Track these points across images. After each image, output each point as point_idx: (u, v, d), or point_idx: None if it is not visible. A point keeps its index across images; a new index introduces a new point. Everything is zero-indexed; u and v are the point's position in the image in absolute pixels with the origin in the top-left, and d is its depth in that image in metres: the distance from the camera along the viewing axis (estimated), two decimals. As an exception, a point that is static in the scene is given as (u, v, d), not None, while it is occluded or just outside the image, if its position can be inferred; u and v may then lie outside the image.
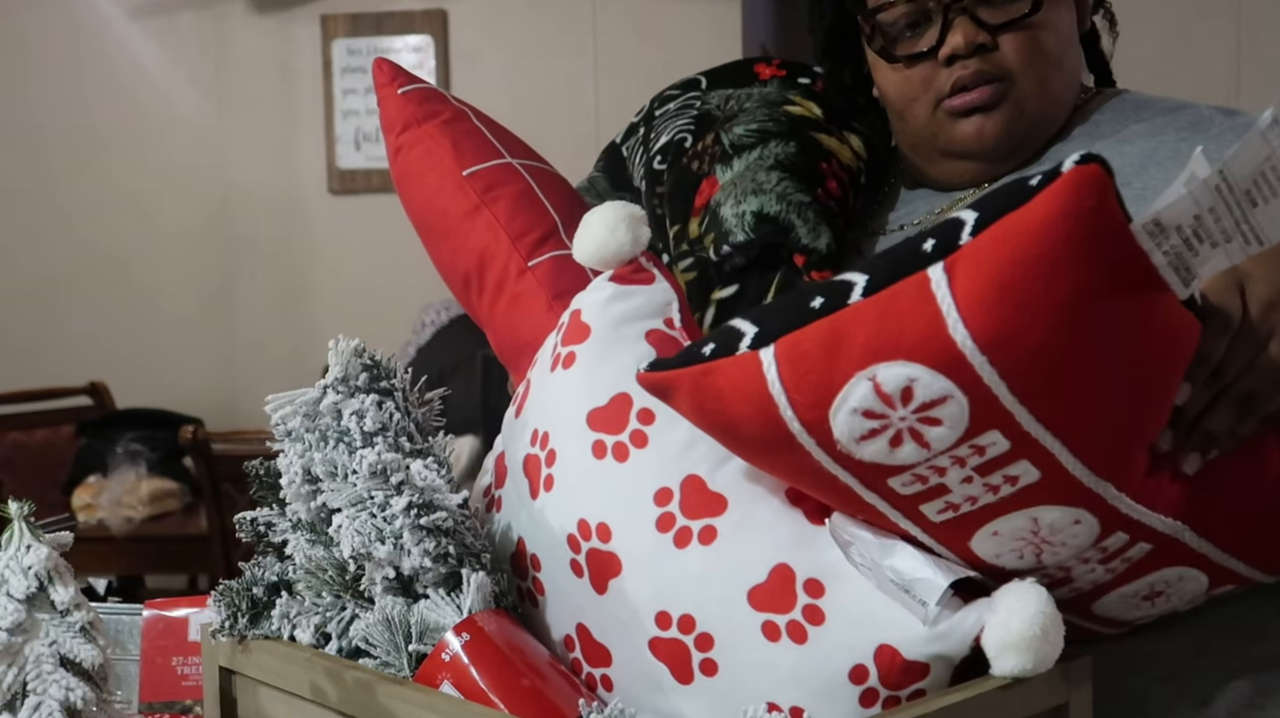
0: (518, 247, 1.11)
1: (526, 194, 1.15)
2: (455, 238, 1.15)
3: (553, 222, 1.14)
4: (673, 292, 1.01)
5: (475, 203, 1.14)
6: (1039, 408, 0.77)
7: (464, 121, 1.19)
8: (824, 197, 1.23)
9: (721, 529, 0.90)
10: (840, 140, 1.28)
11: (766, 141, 1.25)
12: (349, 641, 0.96)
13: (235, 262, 4.97)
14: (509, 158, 1.18)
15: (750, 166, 1.24)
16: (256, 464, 1.03)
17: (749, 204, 1.21)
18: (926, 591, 0.83)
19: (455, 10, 4.83)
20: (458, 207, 1.14)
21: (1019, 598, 0.83)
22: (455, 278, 1.17)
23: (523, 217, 1.13)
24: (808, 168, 1.24)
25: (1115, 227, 0.75)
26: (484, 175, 1.15)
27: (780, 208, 1.20)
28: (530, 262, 1.11)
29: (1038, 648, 0.83)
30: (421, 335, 4.11)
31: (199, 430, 3.39)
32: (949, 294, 0.74)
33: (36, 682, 0.89)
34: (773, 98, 1.29)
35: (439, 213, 1.16)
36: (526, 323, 1.09)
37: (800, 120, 1.27)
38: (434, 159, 1.17)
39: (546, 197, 1.16)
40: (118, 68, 4.94)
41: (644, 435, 0.94)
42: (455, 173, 1.15)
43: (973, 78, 1.17)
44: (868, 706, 0.86)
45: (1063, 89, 1.21)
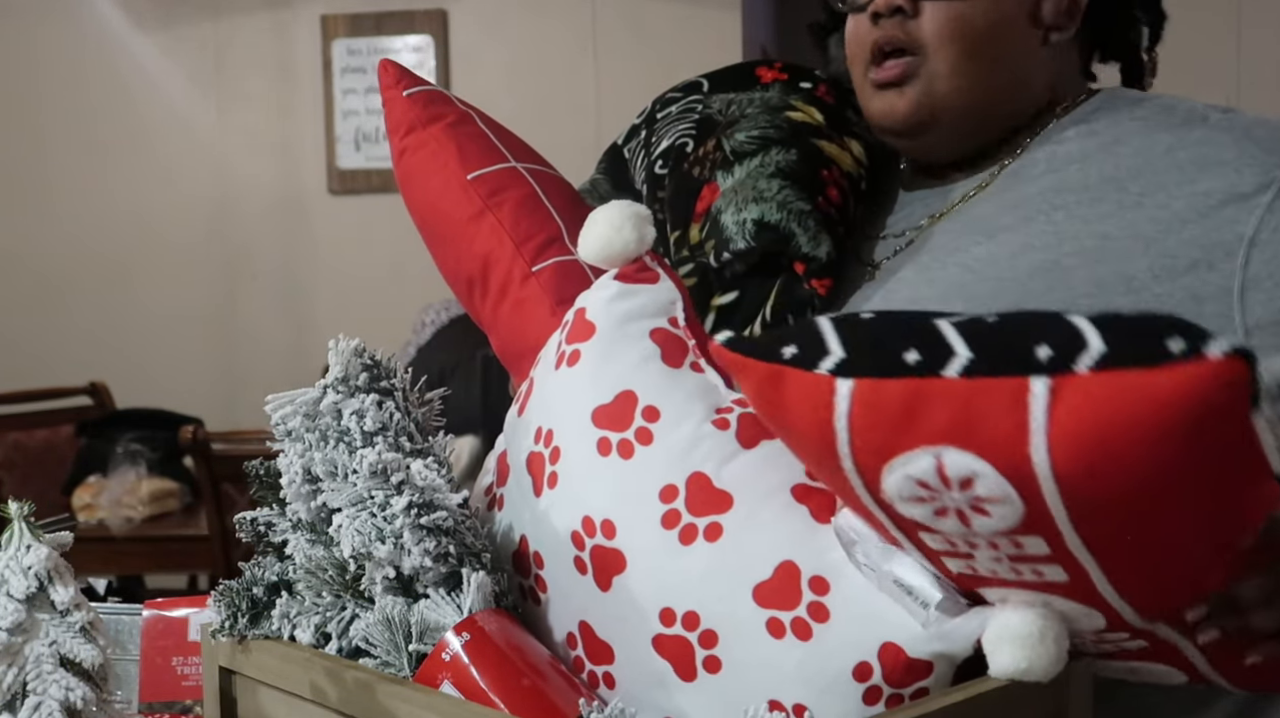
0: (521, 252, 1.11)
1: (531, 199, 1.15)
2: (459, 242, 1.15)
3: (557, 227, 1.14)
4: (677, 291, 1.01)
5: (480, 207, 1.14)
6: (1093, 542, 0.76)
7: (469, 125, 1.19)
8: (825, 204, 1.23)
9: (727, 526, 0.90)
10: (841, 147, 1.28)
11: (768, 148, 1.25)
12: (349, 641, 0.96)
13: (235, 262, 4.98)
14: (514, 162, 1.18)
15: (751, 174, 1.24)
16: (256, 464, 1.03)
17: (750, 212, 1.21)
18: (927, 594, 0.83)
19: (455, 10, 4.84)
20: (462, 210, 1.14)
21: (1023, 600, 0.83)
22: (459, 281, 1.17)
23: (527, 221, 1.13)
24: (809, 175, 1.24)
25: (1243, 428, 0.70)
26: (488, 180, 1.15)
27: (781, 216, 1.20)
28: (534, 267, 1.10)
29: (1034, 647, 0.83)
30: (421, 335, 4.11)
31: (199, 430, 3.39)
32: (1044, 415, 0.71)
33: (36, 682, 0.89)
34: (774, 103, 1.29)
35: (443, 216, 1.16)
36: (530, 328, 1.09)
37: (801, 127, 1.27)
38: (439, 162, 1.17)
39: (551, 201, 1.16)
40: (118, 67, 4.95)
41: (649, 433, 0.94)
42: (460, 176, 1.15)
43: (885, 41, 1.17)
44: (871, 703, 0.86)
45: (988, 79, 1.18)
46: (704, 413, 0.94)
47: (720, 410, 0.95)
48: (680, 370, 0.97)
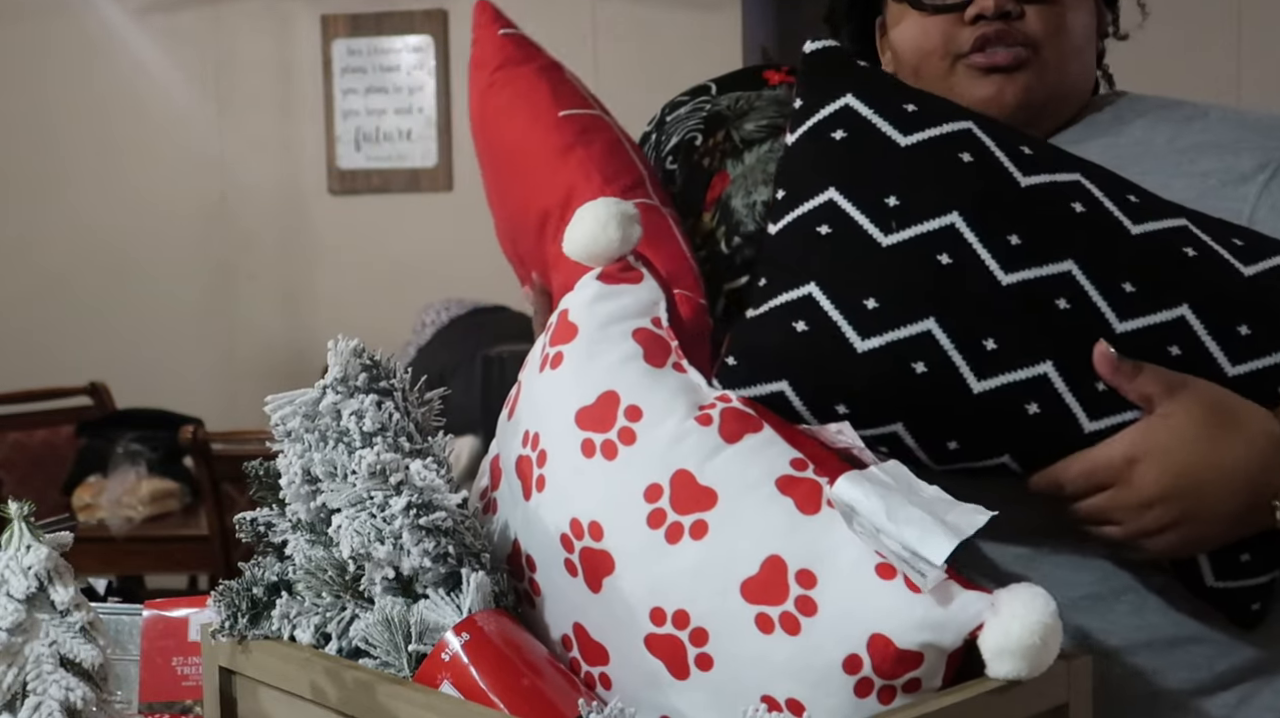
0: (609, 187, 1.14)
1: (618, 144, 1.19)
2: (541, 174, 1.17)
3: (641, 173, 1.17)
4: (660, 291, 1.01)
5: (570, 141, 1.17)
6: None
7: (559, 72, 1.23)
8: None
9: (712, 523, 0.90)
10: None
11: (777, 135, 1.24)
12: (349, 641, 0.96)
13: (235, 262, 4.98)
14: (600, 111, 1.22)
15: (761, 159, 1.24)
16: (256, 464, 1.03)
17: (759, 194, 1.21)
18: (927, 561, 0.83)
19: (455, 10, 4.83)
20: (551, 144, 1.17)
21: (1024, 604, 0.83)
22: (530, 216, 1.18)
23: (615, 161, 1.17)
24: None
25: None
26: (580, 120, 1.19)
27: None
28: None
29: (1035, 656, 0.83)
30: (421, 335, 4.11)
31: (199, 430, 3.39)
32: None
33: (36, 682, 0.89)
34: (783, 97, 1.29)
35: (527, 149, 1.18)
36: None
37: None
38: (531, 98, 1.20)
39: (635, 153, 1.20)
40: (119, 67, 4.95)
41: (632, 432, 0.94)
42: (552, 112, 1.18)
43: (997, 35, 1.17)
44: (862, 695, 0.86)
45: (1078, 77, 1.21)
46: (686, 410, 0.94)
47: (703, 407, 0.95)
48: (662, 370, 0.97)
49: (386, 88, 4.88)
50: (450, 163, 4.86)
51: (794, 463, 0.92)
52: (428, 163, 4.87)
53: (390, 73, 4.87)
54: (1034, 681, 0.84)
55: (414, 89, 4.87)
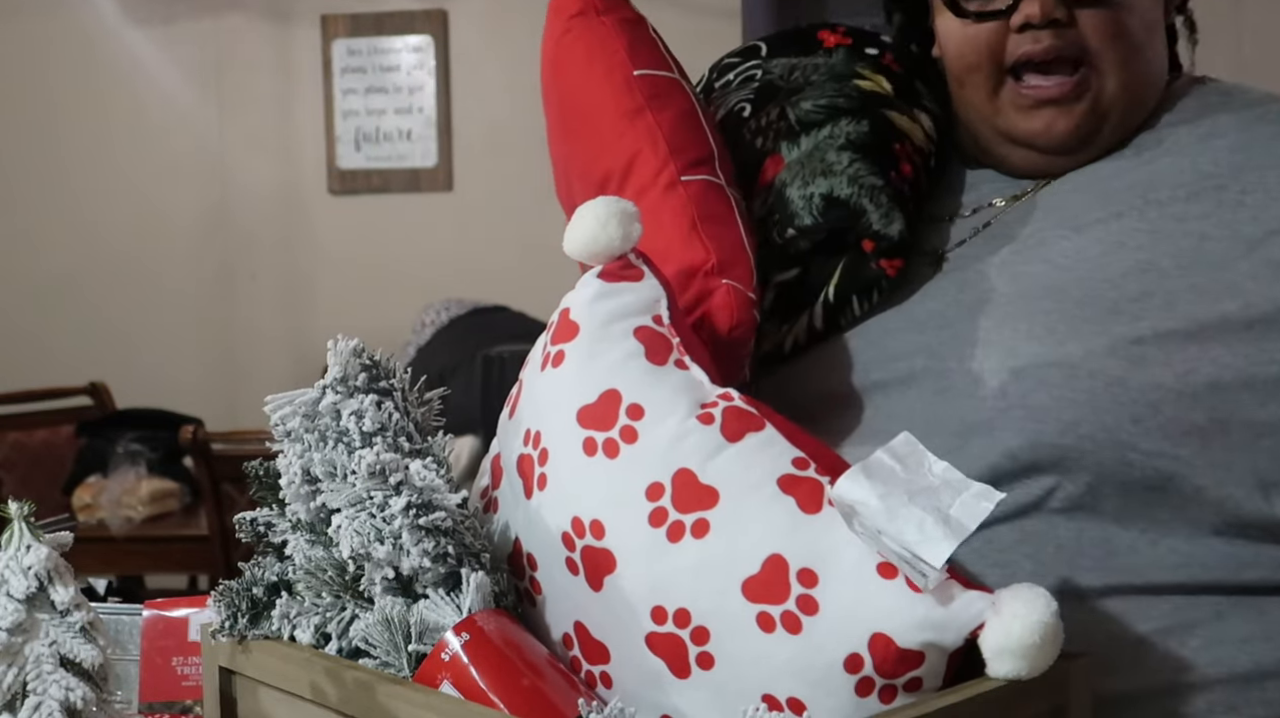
0: (675, 159, 1.09)
1: (692, 114, 1.13)
2: (608, 133, 1.12)
3: (710, 149, 1.11)
4: (662, 289, 1.01)
5: (640, 104, 1.11)
6: None
7: (643, 28, 1.17)
8: (897, 180, 1.16)
9: (714, 522, 0.90)
10: (912, 120, 1.21)
11: (837, 119, 1.17)
12: (349, 641, 0.96)
13: (235, 262, 4.98)
14: (678, 75, 1.15)
15: (819, 146, 1.17)
16: (256, 464, 1.03)
17: (818, 186, 1.14)
18: (928, 562, 0.83)
19: (455, 10, 4.84)
20: (621, 103, 1.11)
21: (1025, 604, 0.83)
22: (592, 175, 1.14)
23: (685, 133, 1.11)
24: (881, 148, 1.17)
25: None
26: (654, 81, 1.12)
27: (852, 191, 1.14)
28: (684, 176, 1.09)
29: (1035, 656, 0.83)
30: (421, 335, 4.12)
31: (199, 430, 3.39)
32: None
33: (36, 682, 0.89)
34: (840, 70, 1.22)
35: (597, 104, 1.13)
36: (660, 239, 1.06)
37: (871, 97, 1.20)
38: (606, 50, 1.13)
39: (708, 124, 1.14)
40: (119, 68, 4.95)
41: (634, 431, 0.94)
42: (627, 69, 1.12)
43: (1044, 53, 1.09)
44: (863, 695, 0.86)
45: (1145, 79, 1.13)
46: (688, 409, 0.94)
47: (705, 406, 0.95)
48: (664, 368, 0.97)
49: (386, 88, 4.89)
50: (450, 163, 4.86)
51: (796, 462, 0.92)
52: (428, 163, 4.87)
53: (390, 73, 4.88)
54: (1034, 681, 0.84)
55: (414, 89, 4.87)
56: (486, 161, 4.82)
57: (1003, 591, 0.85)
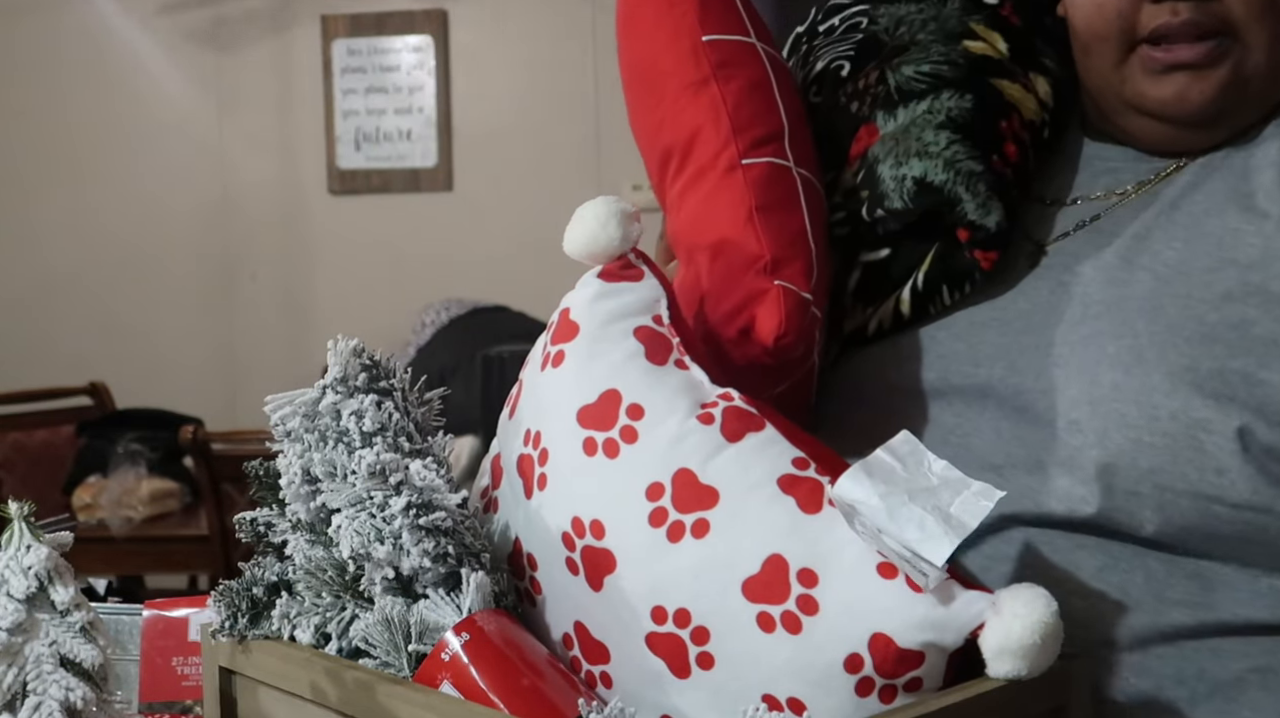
0: (737, 138, 1.02)
1: (762, 85, 1.04)
2: (670, 105, 1.05)
3: (780, 125, 1.04)
4: (662, 289, 1.01)
5: (705, 74, 1.04)
6: None
7: None
8: (1000, 164, 1.07)
9: (714, 522, 0.90)
10: (1026, 88, 1.11)
11: (939, 90, 1.08)
12: (349, 641, 0.96)
13: (235, 262, 4.98)
14: (754, 39, 1.06)
15: (917, 121, 1.07)
16: (256, 464, 1.03)
17: (911, 168, 1.06)
18: (928, 561, 0.83)
19: (455, 10, 4.84)
20: (685, 73, 1.04)
21: (1025, 604, 0.83)
22: (654, 150, 1.08)
23: (751, 107, 1.03)
24: (984, 127, 1.07)
25: None
26: (724, 48, 1.04)
27: (947, 176, 1.05)
28: (745, 159, 1.02)
29: (1035, 656, 0.83)
30: (421, 335, 4.12)
31: (199, 430, 3.39)
32: None
33: (36, 682, 0.89)
34: (952, 26, 1.12)
35: (661, 73, 1.06)
36: (717, 224, 1.02)
37: (981, 62, 1.10)
38: (674, 12, 1.05)
39: (781, 94, 1.05)
40: (118, 68, 4.95)
41: (634, 431, 0.94)
42: (694, 34, 1.04)
43: (1181, 28, 0.99)
44: (864, 695, 0.86)
45: None
46: (688, 409, 0.94)
47: (705, 405, 0.95)
48: (664, 368, 0.96)
49: (386, 88, 4.89)
50: (450, 163, 4.87)
51: (796, 462, 0.92)
52: (428, 163, 4.87)
53: (390, 73, 4.88)
54: (1034, 681, 0.84)
55: (414, 89, 4.87)
56: (486, 161, 4.83)
57: (1003, 591, 0.85)
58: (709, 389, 0.97)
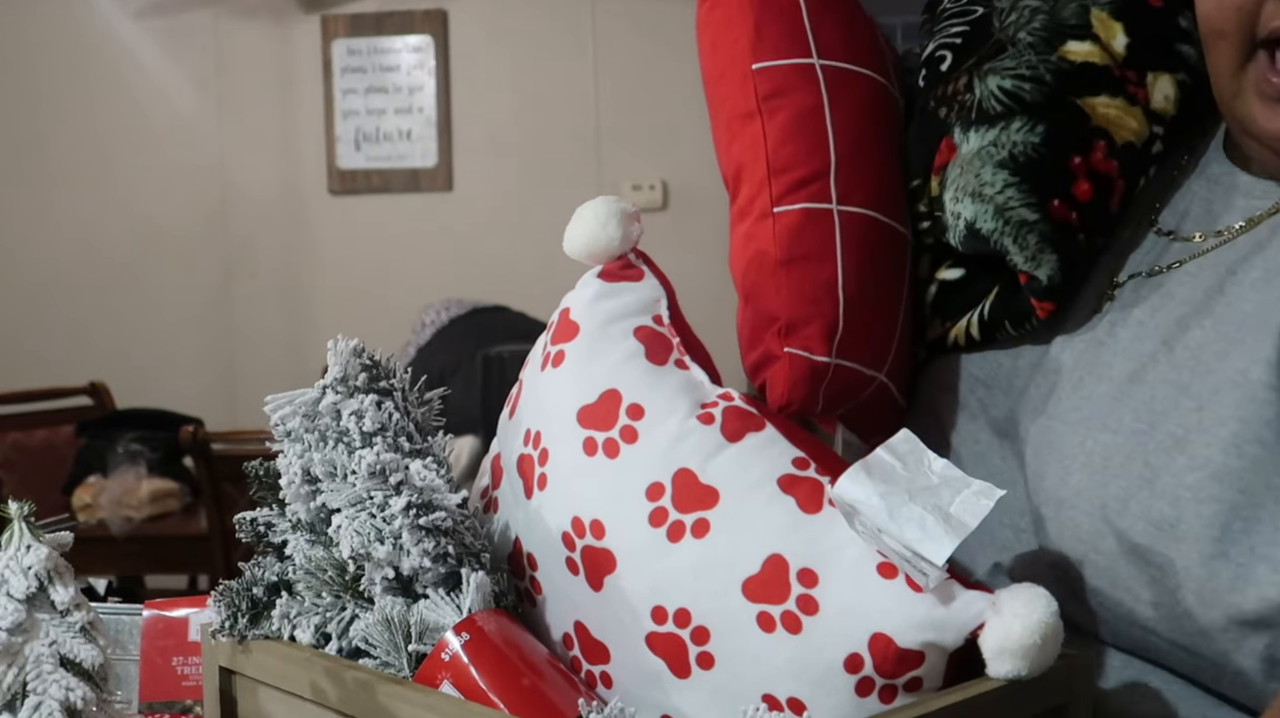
0: (773, 182, 1.00)
1: (812, 114, 1.00)
2: (724, 133, 1.03)
3: (826, 161, 0.99)
4: (662, 289, 1.01)
5: (752, 108, 1.01)
6: None
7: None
8: (1061, 209, 0.99)
9: (714, 522, 0.90)
10: (1132, 99, 1.00)
11: (1011, 118, 0.99)
12: (349, 641, 0.96)
13: (235, 262, 4.98)
14: (814, 57, 1.01)
15: (982, 153, 1.00)
16: (256, 464, 1.03)
17: (965, 207, 1.00)
18: (929, 560, 0.83)
19: (455, 10, 4.84)
20: (735, 104, 1.02)
21: (1025, 604, 0.83)
22: (724, 172, 1.05)
23: (794, 145, 1.00)
24: (1050, 166, 0.99)
25: None
26: (775, 75, 1.01)
27: (995, 225, 0.99)
28: (777, 207, 1.00)
29: (1035, 656, 0.83)
30: (421, 335, 4.11)
31: (199, 430, 3.39)
32: None
33: (36, 682, 0.89)
34: (1063, 20, 1.01)
35: (719, 97, 1.04)
36: (748, 270, 1.00)
37: (1076, 74, 1.00)
38: (730, 35, 1.02)
39: (835, 122, 1.00)
40: (118, 68, 4.95)
41: (634, 431, 0.94)
42: (745, 62, 1.01)
43: None
44: (864, 695, 0.86)
45: None
46: (688, 409, 0.94)
47: (705, 405, 0.95)
48: (664, 368, 0.97)
49: (386, 88, 4.89)
50: (450, 163, 4.87)
51: (796, 462, 0.92)
52: (428, 163, 4.87)
53: (390, 73, 4.88)
54: (1034, 681, 0.84)
55: (414, 89, 4.87)
56: (486, 161, 4.83)
57: (1002, 591, 0.85)
58: (709, 389, 0.97)
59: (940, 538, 0.82)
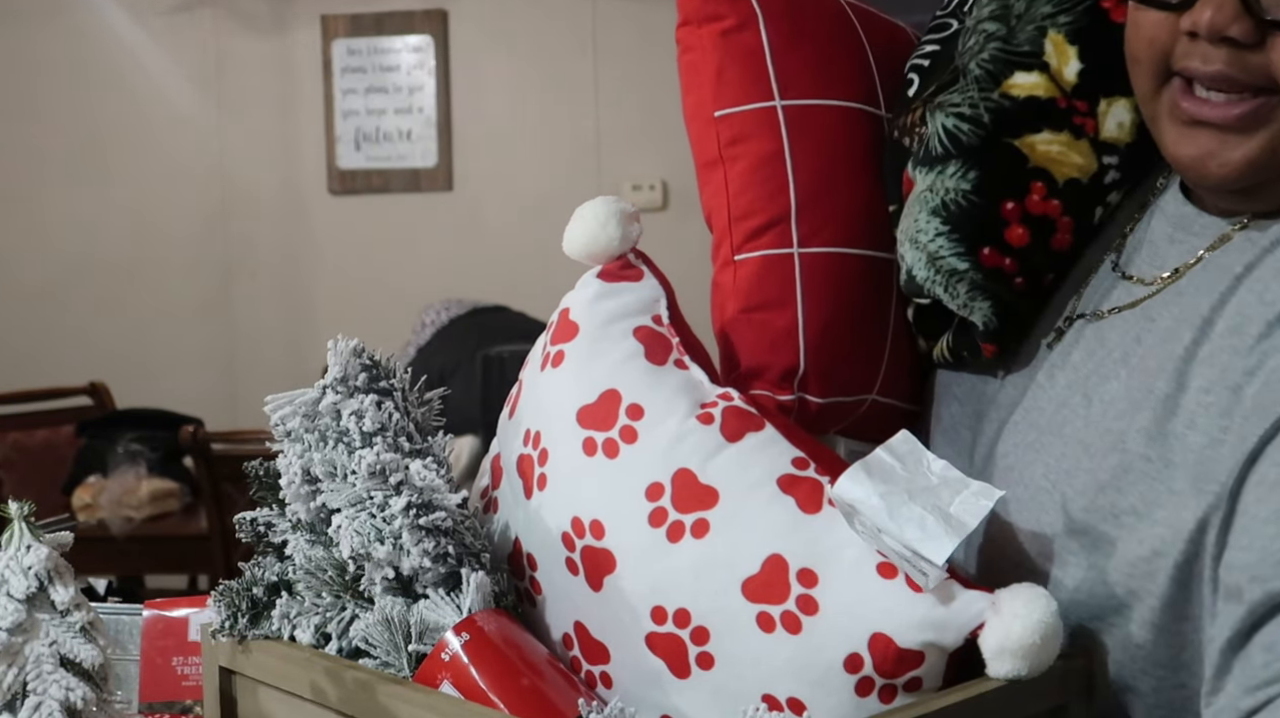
0: (733, 230, 1.03)
1: (772, 160, 1.01)
2: (699, 179, 1.05)
3: (787, 206, 1.01)
4: (661, 289, 1.01)
5: (715, 156, 1.04)
6: None
7: (746, 34, 1.02)
8: (992, 256, 0.98)
9: (714, 522, 0.90)
10: (1076, 133, 0.97)
11: (948, 162, 0.98)
12: (349, 641, 0.96)
13: (235, 262, 4.98)
14: (775, 100, 1.01)
15: (921, 197, 1.00)
16: (256, 464, 1.03)
17: (905, 252, 1.01)
18: (928, 560, 0.83)
19: (455, 10, 4.84)
20: (702, 150, 1.05)
21: (1025, 604, 0.83)
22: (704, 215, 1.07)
23: (754, 192, 1.02)
24: (980, 214, 0.98)
25: None
26: (736, 122, 1.02)
27: (928, 274, 1.00)
28: (738, 254, 1.03)
29: (1034, 656, 0.83)
30: (421, 335, 4.11)
31: (199, 430, 3.39)
32: None
33: (36, 682, 0.89)
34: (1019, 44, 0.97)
35: (692, 142, 1.06)
36: (718, 314, 1.04)
37: (1016, 114, 0.98)
38: (697, 79, 1.04)
39: (797, 164, 1.01)
40: (118, 68, 4.95)
41: (633, 431, 0.94)
42: (708, 110, 1.03)
43: (1210, 79, 0.85)
44: (863, 695, 0.86)
45: None
46: (688, 409, 0.94)
47: (705, 405, 0.95)
48: (664, 368, 0.97)
49: (386, 88, 4.89)
50: (450, 163, 4.87)
51: (795, 462, 0.92)
52: (428, 163, 4.87)
53: (390, 73, 4.88)
54: (1034, 681, 0.84)
55: (414, 89, 4.87)
56: (486, 161, 4.83)
57: (1002, 591, 0.85)
58: (709, 389, 0.97)
59: (940, 538, 0.82)
